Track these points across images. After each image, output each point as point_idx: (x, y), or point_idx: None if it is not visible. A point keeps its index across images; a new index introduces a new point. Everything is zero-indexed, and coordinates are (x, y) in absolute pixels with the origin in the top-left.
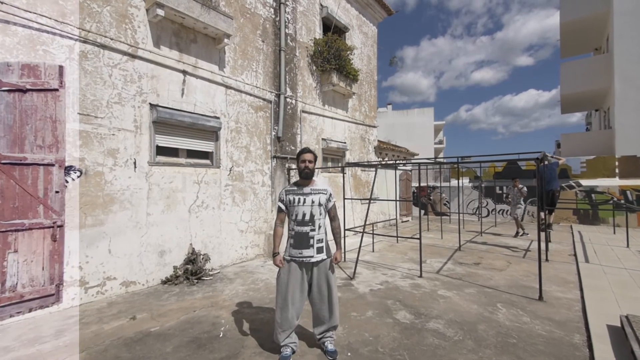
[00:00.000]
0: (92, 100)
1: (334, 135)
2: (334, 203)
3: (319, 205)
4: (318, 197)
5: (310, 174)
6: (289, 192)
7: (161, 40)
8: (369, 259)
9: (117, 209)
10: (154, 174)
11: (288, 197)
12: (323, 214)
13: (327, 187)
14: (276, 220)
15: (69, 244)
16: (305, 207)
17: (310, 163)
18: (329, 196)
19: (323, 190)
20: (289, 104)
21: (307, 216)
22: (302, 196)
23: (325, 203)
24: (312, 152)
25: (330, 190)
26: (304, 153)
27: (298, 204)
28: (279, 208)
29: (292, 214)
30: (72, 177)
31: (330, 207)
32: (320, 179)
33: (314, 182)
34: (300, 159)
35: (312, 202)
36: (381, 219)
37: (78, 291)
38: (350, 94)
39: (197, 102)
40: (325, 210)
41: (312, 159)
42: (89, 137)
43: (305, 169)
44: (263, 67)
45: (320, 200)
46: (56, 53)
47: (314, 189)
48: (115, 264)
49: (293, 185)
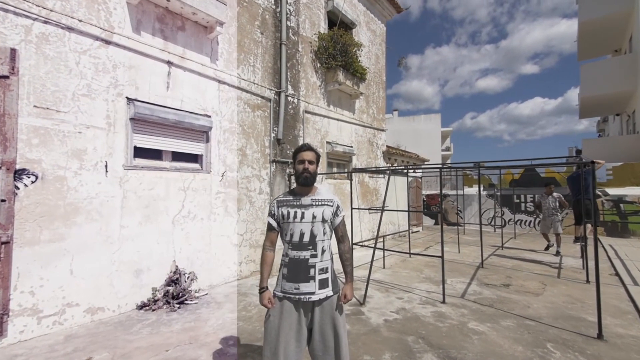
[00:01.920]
0: (54, 92)
1: (340, 139)
2: (342, 218)
3: (323, 221)
4: (321, 210)
5: (310, 178)
6: (282, 204)
7: (142, 26)
8: (381, 277)
9: (82, 221)
10: (130, 180)
11: (281, 211)
12: (328, 234)
13: (334, 197)
14: (265, 242)
15: (18, 265)
16: (304, 225)
17: (311, 164)
18: (337, 209)
19: (328, 201)
20: (291, 103)
21: (307, 236)
22: (300, 209)
23: (331, 218)
24: (314, 149)
25: (337, 201)
26: (303, 151)
27: (294, 220)
28: (269, 225)
29: (285, 233)
30: (25, 182)
31: (338, 224)
32: (324, 187)
33: (315, 190)
34: (298, 158)
35: (314, 218)
36: (390, 230)
37: (29, 322)
38: (358, 94)
39: (184, 98)
40: (331, 229)
41: (313, 158)
42: (48, 135)
43: (304, 172)
44: (262, 62)
45: (324, 214)
46: (8, 34)
47: (317, 200)
48: (79, 287)
49: (288, 194)
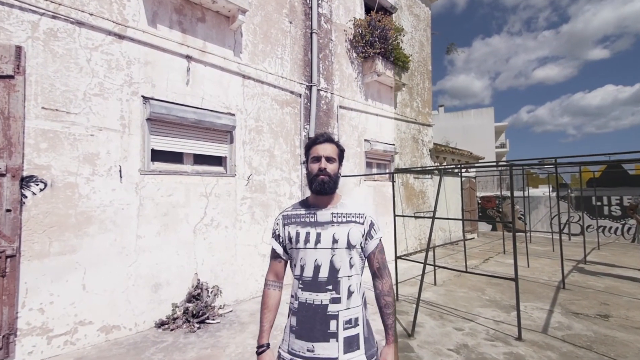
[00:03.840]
0: (64, 92)
1: (380, 136)
2: (379, 241)
3: (349, 247)
4: (346, 229)
5: (330, 183)
6: (290, 220)
7: (158, 18)
8: (432, 297)
9: (95, 231)
10: (147, 185)
11: (287, 231)
12: (358, 266)
13: (365, 210)
14: (267, 276)
15: (26, 279)
16: (321, 253)
17: (330, 162)
18: (370, 227)
19: (357, 216)
20: (323, 97)
21: (324, 271)
22: (315, 228)
23: (362, 242)
24: (334, 140)
25: (371, 216)
26: (318, 143)
27: (305, 245)
28: (272, 251)
29: (294, 264)
30: (33, 190)
31: (372, 250)
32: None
33: (338, 200)
34: (311, 154)
35: (335, 242)
36: (440, 238)
37: (38, 342)
38: (400, 86)
39: (205, 95)
40: (362, 258)
41: (334, 153)
42: (58, 139)
43: (320, 173)
44: (290, 54)
45: (350, 236)
46: (14, 31)
47: (339, 215)
48: (92, 304)
49: (299, 205)
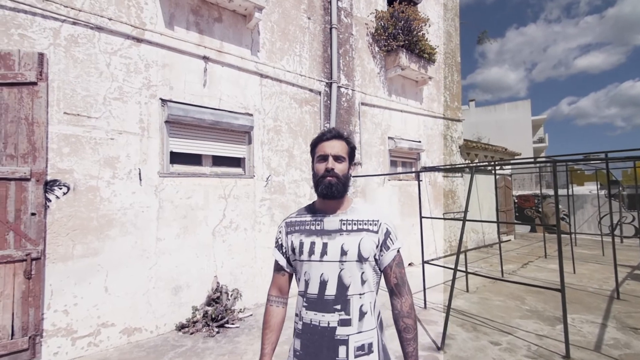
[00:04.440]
0: (84, 97)
1: (405, 133)
2: (397, 252)
3: (360, 259)
4: (357, 239)
5: (338, 186)
6: (294, 228)
7: (175, 20)
8: (464, 305)
9: (116, 234)
10: (166, 188)
11: (290, 240)
12: (372, 282)
13: (380, 216)
14: (269, 290)
15: (51, 282)
16: (327, 266)
17: (338, 162)
18: (386, 236)
19: (370, 223)
20: (344, 94)
21: (332, 287)
22: (321, 237)
23: (376, 254)
24: (344, 136)
25: (387, 222)
26: (325, 140)
27: (310, 257)
28: (275, 263)
29: (298, 278)
30: (57, 194)
31: (389, 264)
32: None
33: (349, 205)
34: (317, 152)
35: (343, 253)
36: (473, 240)
37: (63, 343)
38: (425, 80)
39: (222, 96)
40: (377, 272)
41: (343, 151)
42: (80, 143)
43: (327, 174)
44: (309, 50)
45: (362, 247)
46: (37, 38)
47: (349, 221)
48: (114, 306)
49: (305, 210)
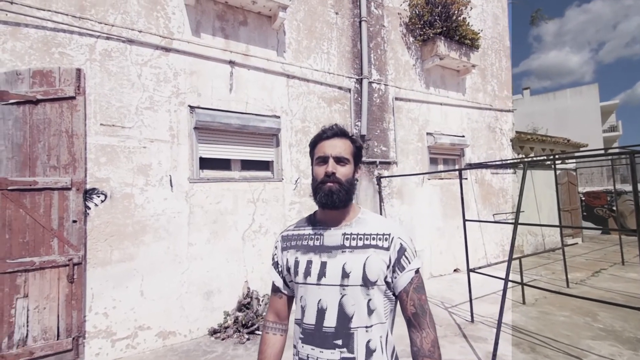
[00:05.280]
0: (118, 108)
1: (445, 127)
2: (415, 275)
3: (366, 284)
4: (362, 257)
5: (340, 193)
6: (289, 242)
7: (202, 27)
8: (520, 321)
9: (150, 240)
10: (196, 194)
11: (285, 257)
12: (382, 311)
13: (392, 229)
14: (266, 315)
15: (92, 285)
16: (326, 291)
17: (341, 164)
18: (400, 253)
19: (379, 238)
20: (376, 90)
21: (331, 317)
22: (320, 255)
23: (389, 276)
24: (345, 134)
25: (401, 237)
26: (324, 139)
27: (306, 279)
28: (272, 285)
29: (295, 301)
30: (95, 202)
31: (404, 288)
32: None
33: (355, 215)
34: (316, 154)
35: (345, 276)
36: (530, 244)
37: (103, 344)
38: (468, 68)
39: (249, 99)
40: (390, 299)
41: (346, 152)
42: (115, 153)
43: (327, 180)
44: (337, 47)
45: (369, 268)
46: (74, 55)
47: (354, 235)
48: (150, 310)
49: (306, 221)
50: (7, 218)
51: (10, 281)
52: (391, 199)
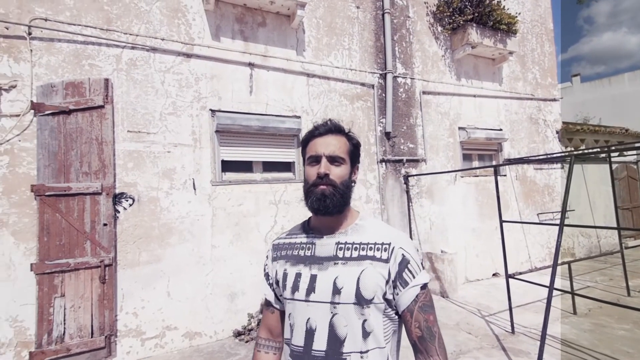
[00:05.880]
0: (144, 114)
1: (480, 121)
2: (421, 291)
3: (360, 302)
4: (357, 271)
5: (335, 197)
6: (280, 251)
7: (221, 31)
8: (569, 334)
9: (175, 242)
10: (218, 196)
11: (275, 268)
12: (380, 334)
13: (393, 238)
14: (258, 332)
15: (122, 286)
16: (315, 309)
17: (335, 164)
18: (402, 267)
19: (377, 248)
20: (401, 84)
21: (321, 340)
22: (309, 267)
23: (388, 292)
24: (341, 130)
25: (403, 247)
26: (316, 136)
27: (294, 294)
28: (265, 300)
29: (286, 320)
30: (124, 205)
31: (408, 307)
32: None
33: (352, 221)
34: (308, 153)
35: (336, 291)
36: (583, 246)
37: (134, 343)
38: (505, 56)
39: (269, 100)
40: (392, 319)
41: (341, 150)
42: (141, 158)
43: (320, 182)
44: (359, 42)
45: (363, 283)
46: (103, 65)
47: (348, 244)
48: (176, 310)
49: (299, 229)
50: (45, 222)
51: (48, 281)
52: (420, 199)
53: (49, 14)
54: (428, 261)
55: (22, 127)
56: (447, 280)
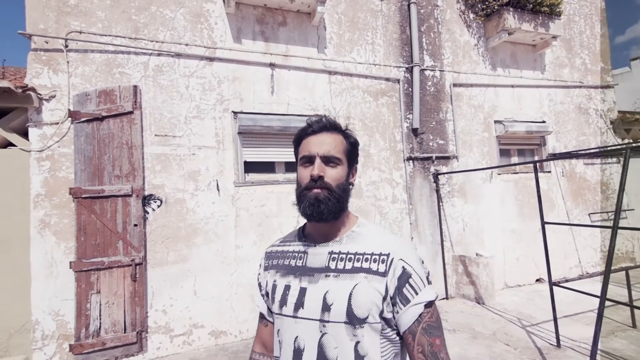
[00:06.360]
0: (170, 119)
1: (519, 113)
2: (425, 308)
3: (352, 322)
4: (349, 286)
5: (330, 202)
6: (272, 260)
7: (242, 33)
8: (628, 350)
9: (201, 242)
10: (241, 197)
11: (266, 278)
12: (379, 358)
13: (393, 247)
14: (253, 346)
15: (152, 284)
16: (302, 327)
17: (331, 165)
18: (402, 282)
19: (373, 259)
20: (430, 78)
21: None
22: (299, 279)
23: (389, 311)
24: (336, 127)
25: (404, 258)
26: (309, 134)
27: (281, 309)
28: (259, 313)
29: (274, 336)
30: (152, 207)
31: (409, 328)
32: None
33: (349, 227)
34: (301, 152)
35: (325, 308)
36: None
37: (163, 340)
38: (547, 41)
39: (290, 100)
40: (391, 340)
41: (336, 149)
42: (168, 160)
43: (313, 186)
44: (383, 35)
45: (355, 300)
46: (132, 73)
47: (342, 254)
48: (202, 309)
49: (295, 235)
50: (82, 223)
51: (85, 278)
52: (452, 198)
53: (83, 26)
54: (461, 265)
55: (61, 134)
56: (482, 286)
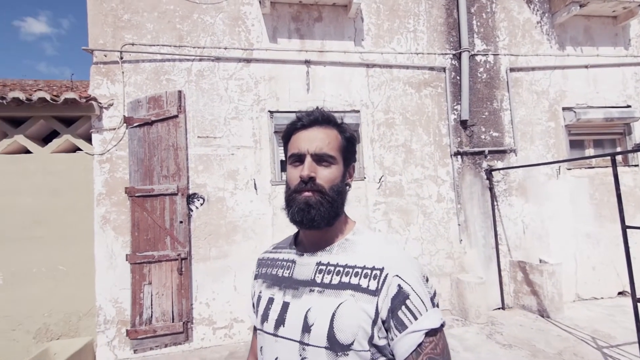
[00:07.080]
0: (211, 120)
1: (595, 97)
2: (426, 337)
3: (333, 347)
4: (333, 305)
5: (322, 207)
6: (261, 268)
7: (278, 32)
8: None
9: (240, 239)
10: (277, 196)
11: (254, 286)
12: None
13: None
14: (248, 355)
15: (196, 278)
16: (282, 346)
17: (323, 165)
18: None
19: (364, 274)
20: (481, 63)
21: None
22: (283, 292)
23: (382, 337)
24: (330, 119)
25: (400, 274)
26: (299, 129)
27: (262, 324)
28: (254, 327)
29: (258, 353)
30: (196, 205)
31: (409, 357)
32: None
33: (343, 234)
34: (290, 150)
35: (306, 329)
36: None
37: (206, 331)
38: (632, 10)
39: (326, 97)
40: None
41: (329, 146)
42: (209, 161)
43: (303, 188)
44: (427, 21)
45: (338, 322)
46: (177, 79)
47: (330, 265)
48: (242, 304)
49: (287, 242)
50: (136, 219)
51: (139, 270)
52: (509, 197)
53: (135, 38)
54: (520, 272)
55: (118, 139)
56: (547, 297)
